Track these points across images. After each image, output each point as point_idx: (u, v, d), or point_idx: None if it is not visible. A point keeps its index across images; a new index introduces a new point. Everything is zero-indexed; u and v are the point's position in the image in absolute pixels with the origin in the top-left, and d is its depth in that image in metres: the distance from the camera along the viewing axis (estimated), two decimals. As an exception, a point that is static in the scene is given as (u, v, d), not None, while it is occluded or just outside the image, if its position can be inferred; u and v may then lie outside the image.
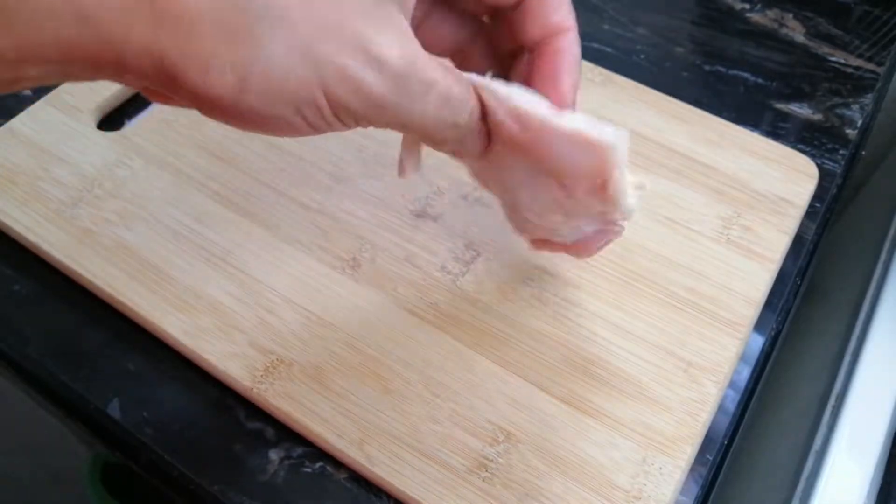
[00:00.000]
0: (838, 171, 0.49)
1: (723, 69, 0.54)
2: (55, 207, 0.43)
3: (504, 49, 0.33)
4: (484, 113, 0.29)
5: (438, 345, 0.38)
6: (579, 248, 0.36)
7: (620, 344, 0.39)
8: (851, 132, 0.51)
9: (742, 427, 0.40)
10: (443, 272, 0.41)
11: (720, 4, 0.59)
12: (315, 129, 0.27)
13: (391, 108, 0.26)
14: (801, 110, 0.52)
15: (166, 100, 0.27)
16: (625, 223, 0.33)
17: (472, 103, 0.29)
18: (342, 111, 0.26)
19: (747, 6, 0.58)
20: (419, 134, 0.29)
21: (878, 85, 0.53)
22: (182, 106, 0.27)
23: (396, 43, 0.25)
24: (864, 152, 0.53)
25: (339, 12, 0.24)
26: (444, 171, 0.45)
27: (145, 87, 0.26)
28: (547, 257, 0.42)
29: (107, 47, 0.23)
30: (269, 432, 0.37)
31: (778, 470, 0.43)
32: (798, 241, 0.45)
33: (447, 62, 0.28)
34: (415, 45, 0.26)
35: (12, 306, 0.40)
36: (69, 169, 0.44)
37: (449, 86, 0.27)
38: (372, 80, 0.25)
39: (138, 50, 0.23)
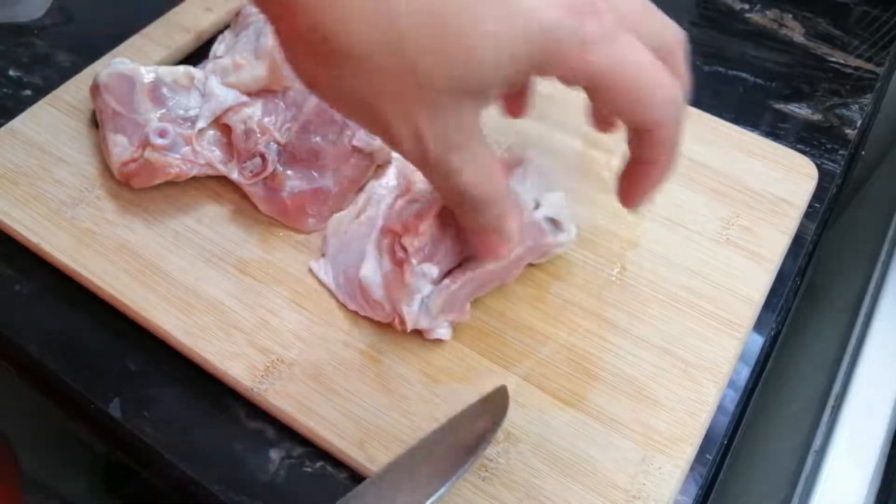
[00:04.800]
0: (838, 171, 0.49)
1: (722, 70, 0.54)
2: (56, 208, 0.43)
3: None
4: None
5: (438, 345, 0.38)
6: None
7: (620, 344, 0.39)
8: (851, 132, 0.51)
9: (742, 427, 0.40)
10: (443, 272, 0.41)
11: (719, 5, 0.59)
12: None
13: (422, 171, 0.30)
14: (801, 110, 0.52)
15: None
16: None
17: (499, 209, 0.31)
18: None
19: (747, 6, 0.58)
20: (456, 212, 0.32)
21: (878, 85, 0.53)
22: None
23: (441, 133, 0.28)
24: (863, 152, 0.53)
25: (407, 90, 0.27)
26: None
27: None
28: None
29: None
30: (270, 432, 0.37)
31: (777, 469, 0.43)
32: (797, 241, 0.45)
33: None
34: (460, 142, 0.28)
35: (13, 306, 0.40)
36: (70, 169, 0.44)
37: (474, 182, 0.30)
38: (409, 146, 0.28)
39: None
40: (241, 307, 0.39)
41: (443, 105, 0.27)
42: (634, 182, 0.32)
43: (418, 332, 0.38)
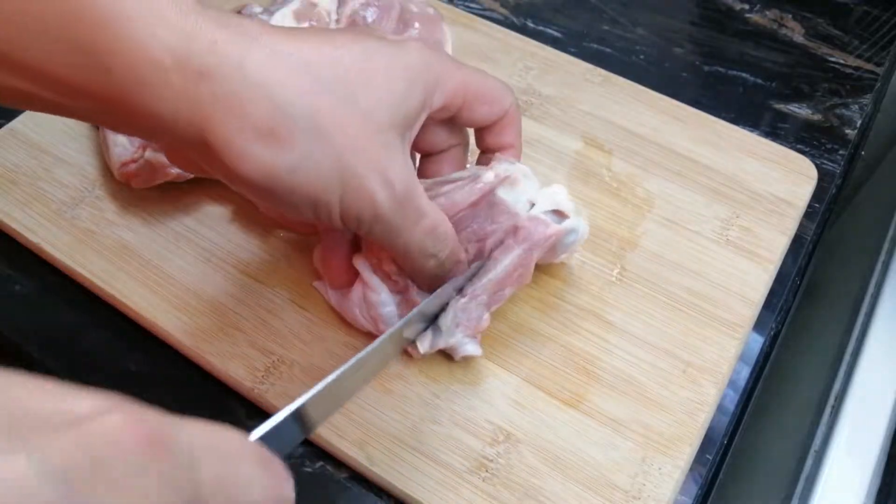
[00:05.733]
0: (837, 171, 0.49)
1: (722, 70, 0.54)
2: (56, 208, 0.43)
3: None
4: None
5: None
6: None
7: (620, 344, 0.39)
8: (850, 132, 0.51)
9: (741, 427, 0.40)
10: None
11: (719, 5, 0.59)
12: (317, 222, 0.31)
13: (389, 225, 0.31)
14: (801, 110, 0.52)
15: (187, 165, 0.32)
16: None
17: (454, 246, 0.35)
18: (350, 217, 0.31)
19: (746, 7, 0.58)
20: (402, 256, 0.34)
21: (878, 85, 0.53)
22: (203, 174, 0.33)
23: (402, 172, 0.31)
24: (863, 152, 0.53)
25: (364, 136, 0.29)
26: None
27: (174, 148, 0.31)
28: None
29: (149, 111, 0.27)
30: (270, 432, 0.37)
31: (777, 470, 0.43)
32: (797, 241, 0.45)
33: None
34: (415, 178, 0.32)
35: (12, 306, 0.41)
36: (70, 169, 0.44)
37: (437, 220, 0.33)
38: (381, 196, 0.30)
39: (185, 119, 0.27)
40: (241, 307, 0.39)
41: (394, 146, 0.31)
42: None
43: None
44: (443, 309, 0.36)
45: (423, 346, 0.36)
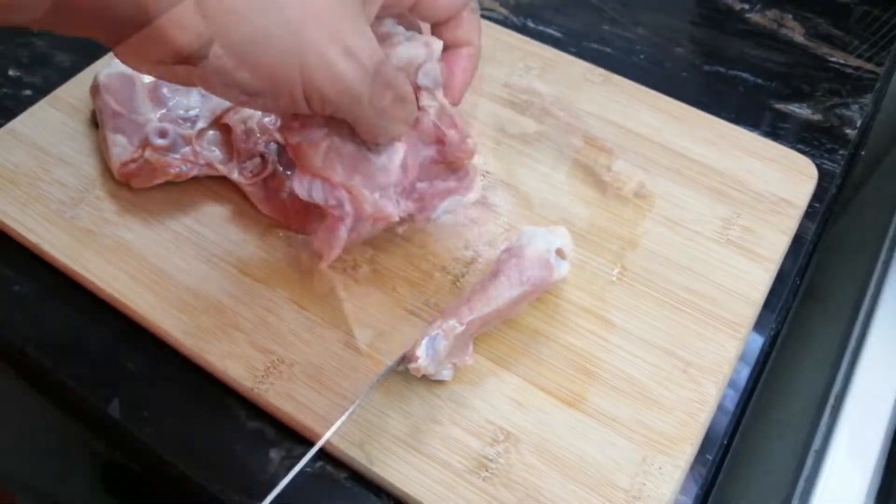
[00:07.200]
0: (838, 171, 0.49)
1: (722, 69, 0.54)
2: (55, 208, 0.43)
3: None
4: None
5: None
6: None
7: (620, 344, 0.39)
8: (851, 132, 0.51)
9: (741, 427, 0.40)
10: (443, 273, 0.41)
11: (720, 5, 0.59)
12: (276, 109, 0.31)
13: (356, 98, 0.30)
14: (801, 110, 0.52)
15: (140, 60, 0.29)
16: None
17: (415, 104, 0.35)
18: (314, 95, 0.29)
19: (747, 6, 0.58)
20: (370, 127, 0.33)
21: (878, 85, 0.53)
22: (169, 79, 0.31)
23: (366, 42, 0.30)
24: (863, 152, 0.53)
25: (323, 8, 0.28)
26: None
27: (122, 38, 0.28)
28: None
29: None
30: (270, 432, 0.37)
31: (777, 470, 0.43)
32: (797, 241, 0.45)
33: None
34: (379, 50, 0.31)
35: (12, 306, 0.40)
36: (69, 169, 0.44)
37: (406, 89, 0.33)
38: (347, 69, 0.29)
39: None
40: (241, 307, 0.39)
41: (355, 17, 0.29)
42: (459, 70, 0.37)
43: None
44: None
45: (421, 369, 0.35)
